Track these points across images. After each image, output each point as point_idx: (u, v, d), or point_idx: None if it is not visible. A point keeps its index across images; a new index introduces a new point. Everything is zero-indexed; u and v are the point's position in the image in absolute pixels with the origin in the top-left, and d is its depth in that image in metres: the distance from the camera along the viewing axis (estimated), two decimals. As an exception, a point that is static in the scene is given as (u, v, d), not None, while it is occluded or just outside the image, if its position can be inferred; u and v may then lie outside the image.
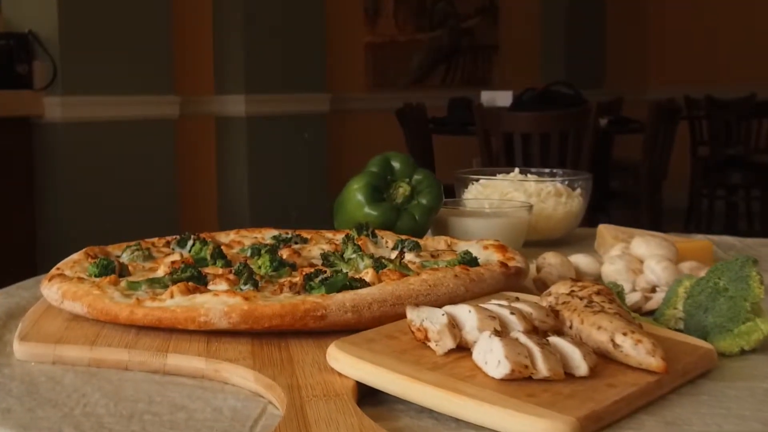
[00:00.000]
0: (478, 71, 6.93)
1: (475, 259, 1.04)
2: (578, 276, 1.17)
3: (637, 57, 8.03)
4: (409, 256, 1.08)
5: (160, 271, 1.02)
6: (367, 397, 0.76)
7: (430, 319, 0.79)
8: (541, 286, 1.14)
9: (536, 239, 1.45)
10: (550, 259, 1.15)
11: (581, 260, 1.19)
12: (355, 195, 1.30)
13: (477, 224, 1.34)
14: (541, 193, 1.48)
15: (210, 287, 0.95)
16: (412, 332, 0.80)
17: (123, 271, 1.03)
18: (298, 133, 5.06)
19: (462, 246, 1.16)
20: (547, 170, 1.59)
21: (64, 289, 0.95)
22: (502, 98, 5.33)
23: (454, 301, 0.91)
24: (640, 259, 1.16)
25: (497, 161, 4.47)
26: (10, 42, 3.97)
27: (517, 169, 1.57)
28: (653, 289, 1.09)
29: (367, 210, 1.29)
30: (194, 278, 0.96)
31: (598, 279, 1.17)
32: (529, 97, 5.12)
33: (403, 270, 0.99)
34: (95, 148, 4.15)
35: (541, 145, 4.36)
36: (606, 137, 5.10)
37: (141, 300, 0.91)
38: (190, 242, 1.16)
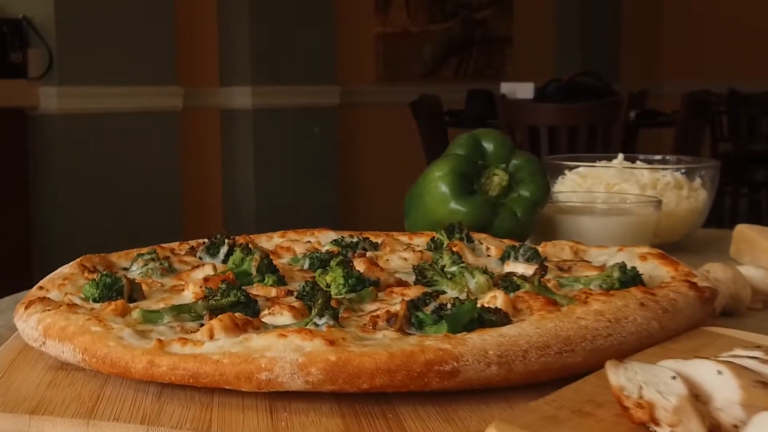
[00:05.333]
0: (492, 63, 6.71)
1: (639, 275, 0.72)
2: (754, 293, 0.86)
3: (653, 50, 7.76)
4: (528, 270, 0.77)
5: (189, 293, 0.70)
6: None
7: (653, 386, 0.47)
8: (706, 310, 0.83)
9: (652, 243, 1.14)
10: (718, 272, 0.84)
11: (753, 273, 0.88)
12: (438, 186, 0.98)
13: (594, 224, 1.03)
14: (657, 184, 1.17)
15: (265, 320, 0.64)
16: (623, 407, 0.49)
17: (134, 293, 0.71)
18: (307, 126, 4.85)
19: (596, 254, 0.84)
20: (658, 157, 1.28)
21: (47, 323, 0.63)
22: (523, 90, 5.11)
23: (644, 344, 0.60)
24: (838, 272, 0.86)
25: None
26: (3, 28, 3.78)
27: (621, 155, 1.26)
28: None
29: (453, 205, 0.97)
30: (243, 306, 0.65)
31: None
32: (553, 88, 4.87)
33: (547, 294, 0.67)
34: (93, 141, 3.93)
35: (569, 138, 4.11)
36: (631, 131, 4.83)
37: (164, 342, 0.59)
38: (224, 248, 0.84)
